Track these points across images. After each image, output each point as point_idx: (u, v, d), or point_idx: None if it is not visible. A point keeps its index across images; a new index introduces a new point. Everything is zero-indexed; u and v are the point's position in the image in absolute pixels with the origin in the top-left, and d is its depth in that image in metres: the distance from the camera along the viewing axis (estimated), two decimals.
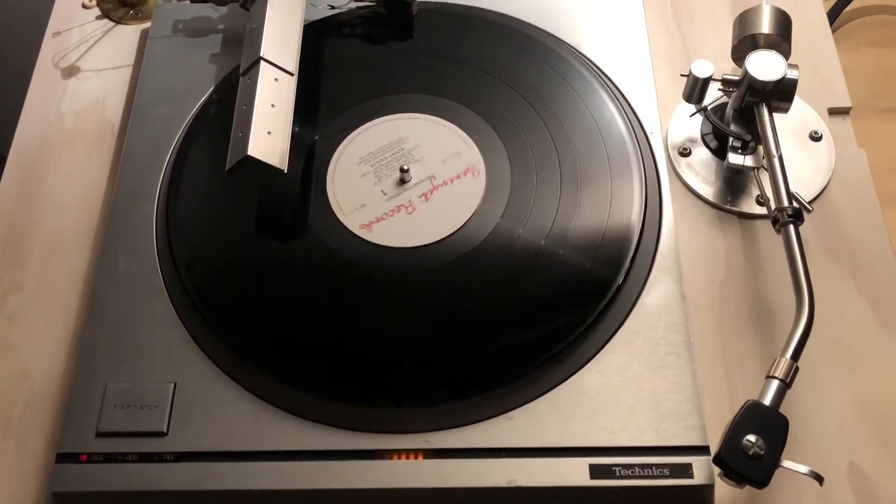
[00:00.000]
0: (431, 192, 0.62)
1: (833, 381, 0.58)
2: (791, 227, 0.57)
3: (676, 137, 0.68)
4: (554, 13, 0.72)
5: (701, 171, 0.66)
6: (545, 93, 0.66)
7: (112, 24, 0.77)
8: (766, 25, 0.64)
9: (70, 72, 0.75)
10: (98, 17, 0.78)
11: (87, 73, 0.75)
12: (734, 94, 0.64)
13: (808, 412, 0.57)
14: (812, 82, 0.71)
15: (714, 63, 0.71)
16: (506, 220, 0.60)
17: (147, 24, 0.77)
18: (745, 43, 0.64)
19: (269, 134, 0.58)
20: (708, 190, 0.66)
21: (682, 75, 0.65)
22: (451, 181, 0.63)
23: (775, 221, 0.58)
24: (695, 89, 0.64)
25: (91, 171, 0.69)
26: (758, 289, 0.62)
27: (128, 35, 0.77)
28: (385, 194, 0.62)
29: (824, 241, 0.63)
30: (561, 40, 0.70)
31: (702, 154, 0.67)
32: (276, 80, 0.60)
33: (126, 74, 0.74)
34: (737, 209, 0.65)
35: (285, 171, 0.59)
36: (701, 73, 0.63)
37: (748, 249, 0.63)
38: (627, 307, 0.58)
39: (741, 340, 0.60)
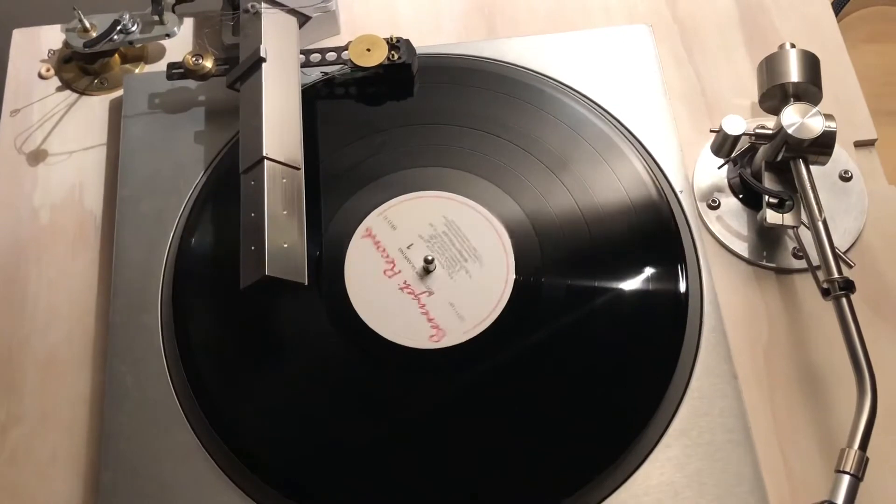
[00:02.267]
0: (463, 270, 0.58)
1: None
2: (843, 298, 0.55)
3: (703, 188, 0.65)
4: (561, 57, 0.67)
5: (732, 225, 0.63)
6: (564, 154, 0.62)
7: (76, 95, 0.70)
8: (795, 73, 0.60)
9: (37, 157, 0.68)
10: (59, 89, 0.70)
11: (57, 157, 0.68)
12: (767, 147, 0.60)
13: (872, 486, 0.55)
14: (833, 112, 0.67)
15: (731, 99, 0.69)
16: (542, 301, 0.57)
17: (115, 94, 0.70)
18: (774, 93, 0.61)
19: (284, 246, 0.53)
20: (742, 245, 0.63)
21: (711, 131, 0.61)
22: (475, 250, 0.59)
23: (825, 293, 0.55)
24: (725, 144, 0.60)
25: (77, 273, 0.63)
26: (804, 351, 0.59)
27: (95, 107, 0.70)
28: (423, 293, 0.57)
29: (866, 294, 0.61)
30: (573, 90, 0.66)
31: (730, 205, 0.64)
32: (283, 180, 0.55)
33: (100, 155, 0.68)
34: (773, 264, 0.62)
35: (306, 284, 0.54)
36: (733, 131, 0.59)
37: (789, 307, 0.61)
38: (679, 394, 0.56)
39: (792, 411, 0.58)
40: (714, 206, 0.64)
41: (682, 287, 0.58)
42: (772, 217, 0.60)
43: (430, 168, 0.62)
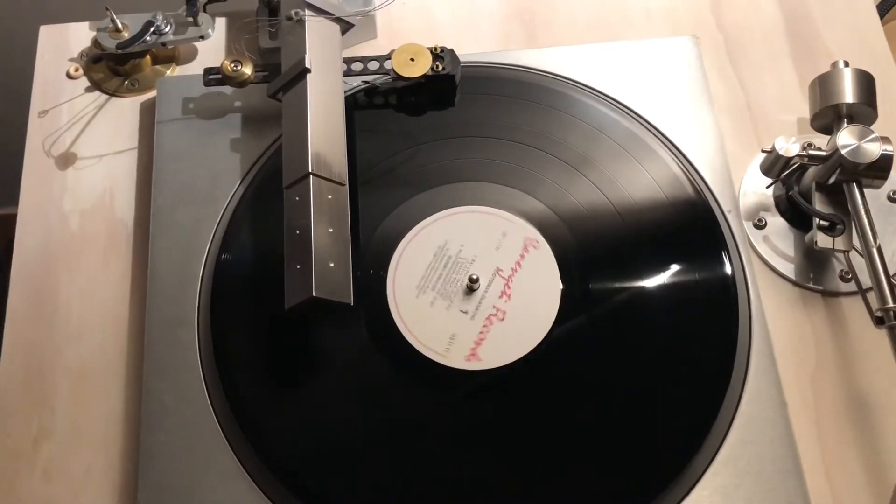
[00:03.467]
0: (508, 287, 0.57)
1: None
2: None
3: (749, 206, 0.63)
4: (604, 68, 0.66)
5: (779, 245, 0.62)
6: (611, 170, 0.61)
7: (105, 97, 0.68)
8: (849, 93, 0.59)
9: (66, 161, 0.66)
10: (87, 90, 0.68)
11: (86, 162, 0.66)
12: (819, 168, 0.59)
13: None
14: (880, 128, 0.66)
15: (776, 114, 0.67)
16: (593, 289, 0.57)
17: (146, 96, 0.68)
18: (826, 113, 0.59)
19: (331, 266, 0.51)
20: (788, 267, 0.62)
21: (763, 151, 0.60)
22: (519, 265, 0.58)
23: (879, 321, 0.54)
24: (775, 165, 0.59)
25: (109, 282, 0.62)
26: (852, 377, 0.59)
27: (125, 110, 0.68)
28: (466, 313, 0.56)
29: None
30: (618, 103, 0.64)
31: (777, 224, 0.63)
32: (329, 196, 0.53)
33: (131, 159, 0.66)
34: (820, 287, 0.61)
35: (352, 304, 0.52)
36: (786, 153, 0.58)
37: (836, 331, 0.60)
38: (727, 421, 0.55)
39: (841, 439, 0.57)
40: (760, 225, 0.63)
41: (733, 311, 0.57)
42: (822, 241, 0.58)
43: (474, 183, 0.60)
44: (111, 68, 0.68)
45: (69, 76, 0.69)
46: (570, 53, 0.66)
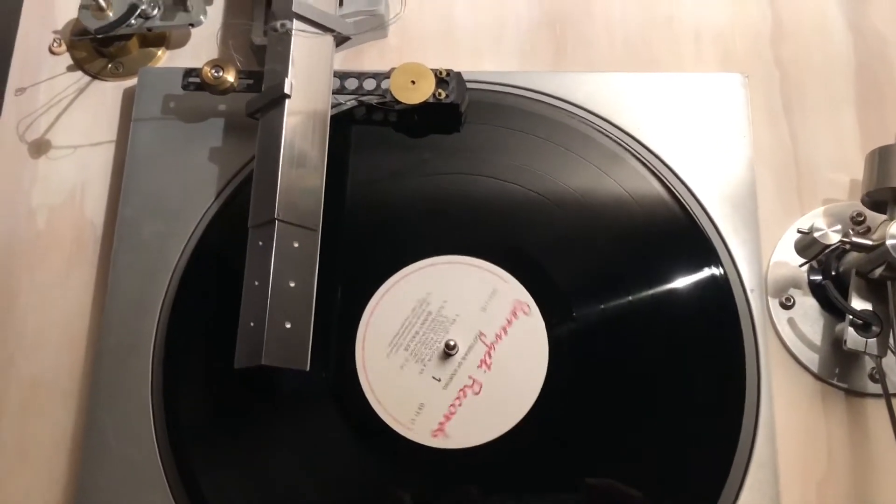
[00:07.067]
0: (489, 356, 0.51)
1: None
2: None
3: (777, 281, 0.56)
4: (636, 103, 0.58)
5: (805, 331, 0.55)
6: (615, 224, 0.54)
7: (87, 78, 0.63)
8: None
9: (39, 148, 0.61)
10: (69, 68, 0.63)
11: (60, 151, 0.61)
12: (862, 257, 0.51)
13: None
14: None
15: (827, 172, 0.59)
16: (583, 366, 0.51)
17: (130, 82, 0.62)
18: (883, 194, 0.51)
19: (287, 327, 0.46)
20: (812, 358, 0.55)
21: (799, 231, 0.52)
22: (504, 331, 0.52)
23: None
24: (812, 249, 0.52)
25: (71, 290, 0.58)
26: (864, 490, 0.52)
27: (107, 95, 0.62)
28: (439, 381, 0.51)
29: None
30: (643, 147, 0.57)
31: (807, 305, 0.55)
32: (295, 244, 0.48)
33: (107, 153, 0.61)
34: (845, 385, 0.54)
35: (307, 370, 0.48)
36: (826, 239, 0.50)
37: (855, 437, 0.54)
38: None
39: None
40: (788, 305, 0.55)
41: (737, 411, 0.50)
42: (853, 341, 0.51)
43: (469, 229, 0.54)
44: (96, 48, 0.62)
45: (51, 52, 0.63)
46: (596, 82, 0.58)
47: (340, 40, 0.54)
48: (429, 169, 0.55)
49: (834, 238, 0.50)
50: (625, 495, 0.49)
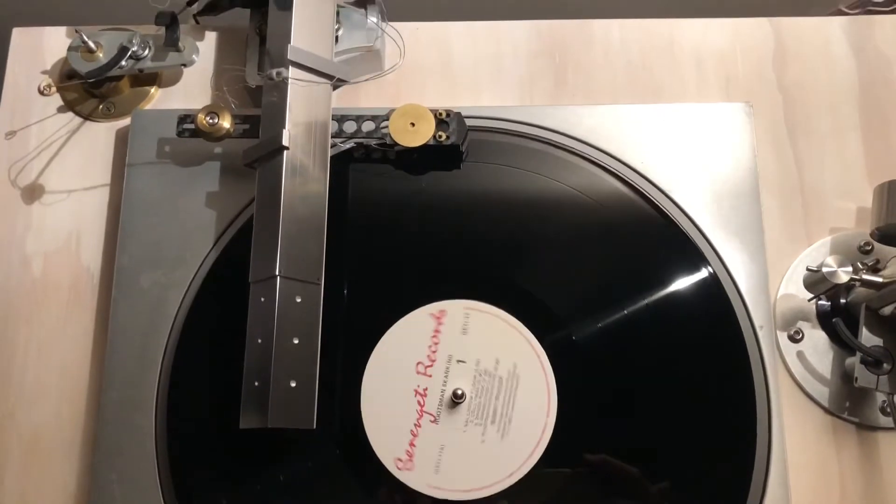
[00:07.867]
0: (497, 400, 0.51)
1: None
2: None
3: (785, 314, 0.55)
4: (638, 136, 0.57)
5: (815, 364, 0.55)
6: (631, 271, 0.53)
7: (79, 120, 0.61)
8: None
9: (32, 194, 0.60)
10: (60, 109, 0.62)
11: (54, 196, 0.60)
12: (873, 293, 0.51)
13: None
14: None
15: (833, 200, 0.58)
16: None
17: (122, 122, 0.61)
18: (894, 229, 0.51)
19: (292, 386, 0.46)
20: (822, 392, 0.54)
21: (808, 269, 0.51)
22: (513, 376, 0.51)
23: None
24: (820, 285, 0.51)
25: (70, 340, 0.57)
26: None
27: (99, 137, 0.61)
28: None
29: None
30: (645, 178, 0.56)
31: (816, 338, 0.55)
32: (298, 299, 0.47)
33: (102, 197, 0.60)
34: (856, 419, 0.54)
35: (314, 427, 0.47)
36: (835, 279, 0.49)
37: (867, 470, 0.53)
38: None
39: None
40: (797, 338, 0.55)
41: (748, 451, 0.50)
42: (864, 378, 0.51)
43: (462, 269, 0.53)
44: (86, 89, 0.61)
45: (41, 92, 0.62)
46: (597, 115, 0.57)
47: (336, 87, 0.53)
48: (428, 213, 0.54)
49: (844, 277, 0.49)
50: None
